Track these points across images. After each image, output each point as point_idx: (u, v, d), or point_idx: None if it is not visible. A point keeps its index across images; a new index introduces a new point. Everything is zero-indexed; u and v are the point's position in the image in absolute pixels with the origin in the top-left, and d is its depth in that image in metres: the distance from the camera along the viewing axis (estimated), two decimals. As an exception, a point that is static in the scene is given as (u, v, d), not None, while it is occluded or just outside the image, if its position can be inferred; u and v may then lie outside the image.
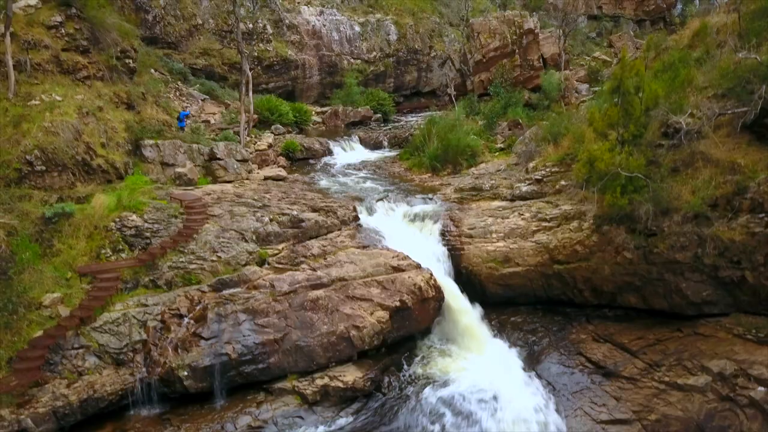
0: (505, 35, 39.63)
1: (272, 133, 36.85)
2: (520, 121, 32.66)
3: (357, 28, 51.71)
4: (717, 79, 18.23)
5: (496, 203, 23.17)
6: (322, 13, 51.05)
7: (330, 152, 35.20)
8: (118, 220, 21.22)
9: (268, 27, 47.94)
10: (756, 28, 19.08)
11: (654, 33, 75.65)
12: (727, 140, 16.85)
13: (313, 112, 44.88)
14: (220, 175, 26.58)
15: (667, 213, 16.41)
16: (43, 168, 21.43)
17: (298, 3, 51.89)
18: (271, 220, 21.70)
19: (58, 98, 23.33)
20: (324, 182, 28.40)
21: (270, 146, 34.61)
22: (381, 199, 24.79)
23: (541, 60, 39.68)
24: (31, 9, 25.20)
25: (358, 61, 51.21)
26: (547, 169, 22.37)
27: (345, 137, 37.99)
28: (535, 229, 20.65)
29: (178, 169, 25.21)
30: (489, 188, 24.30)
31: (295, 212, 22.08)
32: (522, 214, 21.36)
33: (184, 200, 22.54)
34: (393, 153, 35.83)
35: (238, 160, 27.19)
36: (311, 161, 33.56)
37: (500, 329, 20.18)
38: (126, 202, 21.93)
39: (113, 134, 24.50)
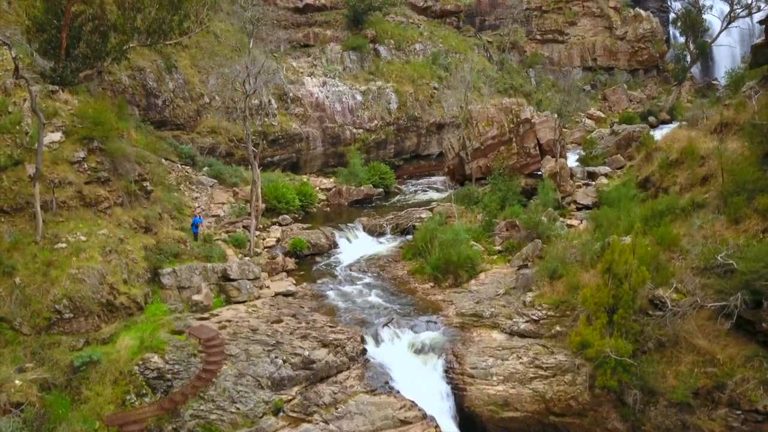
0: (503, 123, 41.20)
1: (279, 224, 38.30)
2: (517, 223, 34.16)
3: (359, 97, 53.26)
4: (702, 257, 19.70)
5: (496, 336, 24.66)
6: (324, 84, 52.62)
7: (335, 245, 36.66)
8: (141, 362, 22.64)
9: (273, 102, 49.49)
10: (735, 202, 20.62)
11: (645, 80, 77.36)
12: (708, 324, 18.38)
13: (318, 190, 46.33)
14: (233, 296, 28.04)
15: (653, 394, 17.91)
16: (71, 315, 22.89)
17: (302, 73, 53.50)
18: (284, 362, 23.13)
19: (82, 238, 24.78)
20: (331, 294, 29.85)
21: (278, 241, 36.10)
22: (387, 324, 26.26)
23: (537, 147, 41.24)
24: (56, 144, 26.63)
25: (360, 131, 52.77)
26: (544, 311, 23.87)
27: (349, 225, 39.45)
28: (532, 375, 22.13)
29: (195, 297, 26.64)
30: (489, 316, 25.78)
31: (306, 352, 23.51)
32: (520, 358, 22.84)
33: (202, 337, 23.94)
34: (395, 243, 37.35)
35: (250, 279, 28.63)
36: (318, 258, 35.00)
37: (500, 471, 21.62)
38: (148, 342, 23.36)
39: (133, 266, 25.92)
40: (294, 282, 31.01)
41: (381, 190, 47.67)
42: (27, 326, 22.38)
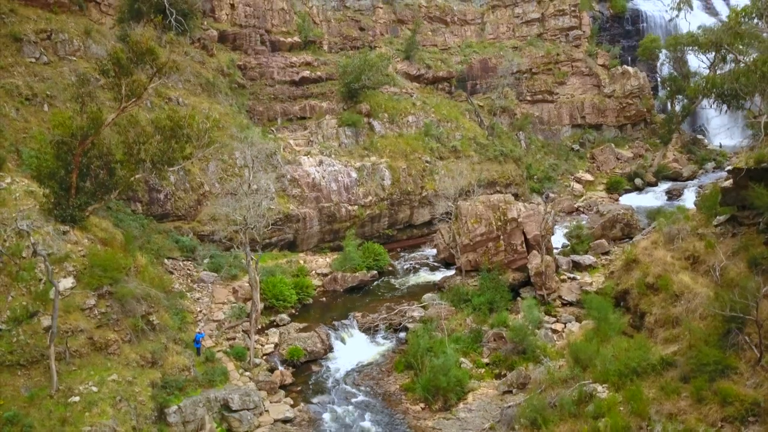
0: (491, 221, 43.06)
1: (277, 325, 40.04)
2: (504, 334, 36.02)
3: (354, 175, 55.04)
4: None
5: (480, 479, 26.47)
6: (321, 163, 54.39)
7: (330, 348, 38.40)
8: None
9: (271, 185, 51.16)
10: (698, 385, 22.46)
11: (633, 134, 78.97)
12: None
13: (314, 274, 48.15)
14: (235, 426, 29.82)
15: None
16: (85, 473, 24.53)
17: (299, 152, 55.31)
18: None
19: (94, 389, 26.44)
20: (326, 417, 31.68)
21: (276, 346, 37.84)
22: (379, 462, 28.09)
23: (524, 244, 43.08)
24: (68, 291, 28.33)
25: (355, 207, 54.52)
26: (524, 462, 25.72)
27: (343, 322, 41.26)
28: None
29: (199, 437, 28.39)
30: (474, 455, 27.59)
31: (304, 501, 25.29)
32: None
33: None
34: (389, 345, 39.16)
35: (250, 409, 30.36)
36: (314, 366, 36.72)
37: None
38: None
39: (142, 409, 27.55)
40: (291, 402, 32.73)
41: (375, 272, 49.39)
42: (44, 486, 24.06)
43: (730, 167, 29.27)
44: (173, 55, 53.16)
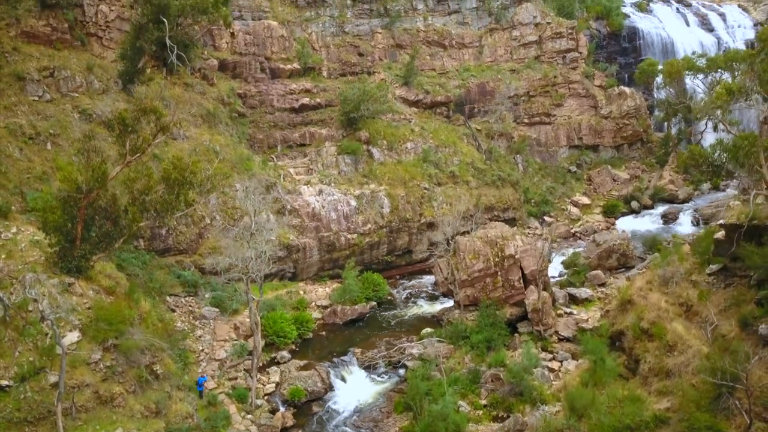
0: (489, 257, 43.67)
1: (278, 363, 40.62)
2: (501, 376, 36.67)
3: (353, 203, 55.58)
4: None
5: None
6: (320, 192, 54.95)
7: (331, 387, 39.03)
8: None
9: (272, 217, 51.72)
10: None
11: (630, 153, 79.56)
12: None
13: (314, 306, 48.74)
14: (239, 475, 30.41)
15: None
16: None
17: (299, 181, 55.88)
18: None
19: (100, 444, 27.08)
20: (327, 467, 32.35)
21: (277, 386, 38.47)
22: None
23: (521, 280, 43.70)
24: (74, 345, 28.88)
25: (354, 235, 55.06)
26: None
27: (343, 359, 41.89)
28: None
29: (203, 487, 28.95)
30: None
31: None
32: None
33: None
34: (389, 383, 39.76)
35: (253, 458, 31.01)
36: (315, 407, 37.34)
37: None
38: None
39: (147, 463, 28.21)
40: (293, 441, 33.43)
41: (374, 303, 49.92)
42: None
43: (722, 221, 29.90)
44: (177, 113, 53.69)
